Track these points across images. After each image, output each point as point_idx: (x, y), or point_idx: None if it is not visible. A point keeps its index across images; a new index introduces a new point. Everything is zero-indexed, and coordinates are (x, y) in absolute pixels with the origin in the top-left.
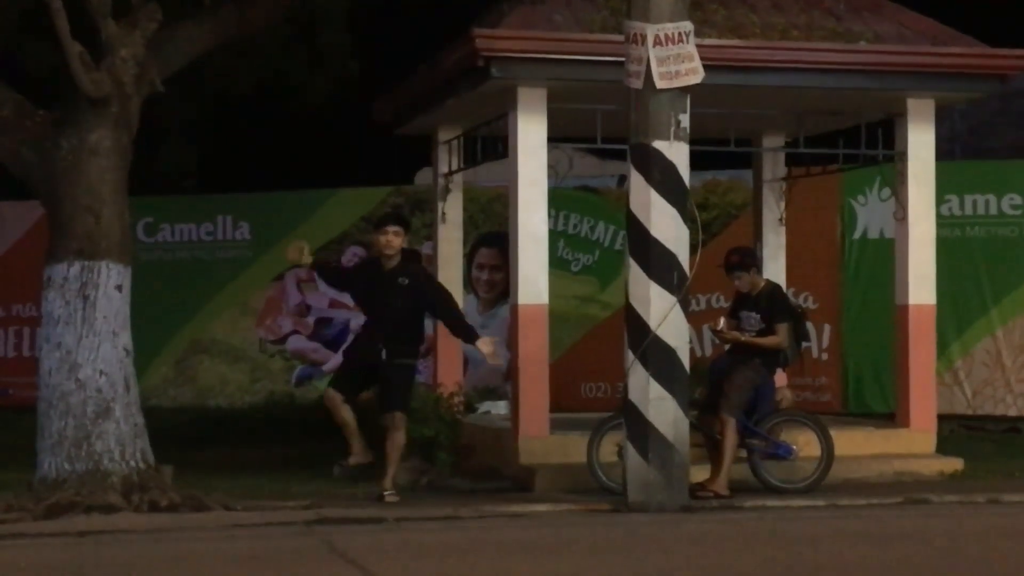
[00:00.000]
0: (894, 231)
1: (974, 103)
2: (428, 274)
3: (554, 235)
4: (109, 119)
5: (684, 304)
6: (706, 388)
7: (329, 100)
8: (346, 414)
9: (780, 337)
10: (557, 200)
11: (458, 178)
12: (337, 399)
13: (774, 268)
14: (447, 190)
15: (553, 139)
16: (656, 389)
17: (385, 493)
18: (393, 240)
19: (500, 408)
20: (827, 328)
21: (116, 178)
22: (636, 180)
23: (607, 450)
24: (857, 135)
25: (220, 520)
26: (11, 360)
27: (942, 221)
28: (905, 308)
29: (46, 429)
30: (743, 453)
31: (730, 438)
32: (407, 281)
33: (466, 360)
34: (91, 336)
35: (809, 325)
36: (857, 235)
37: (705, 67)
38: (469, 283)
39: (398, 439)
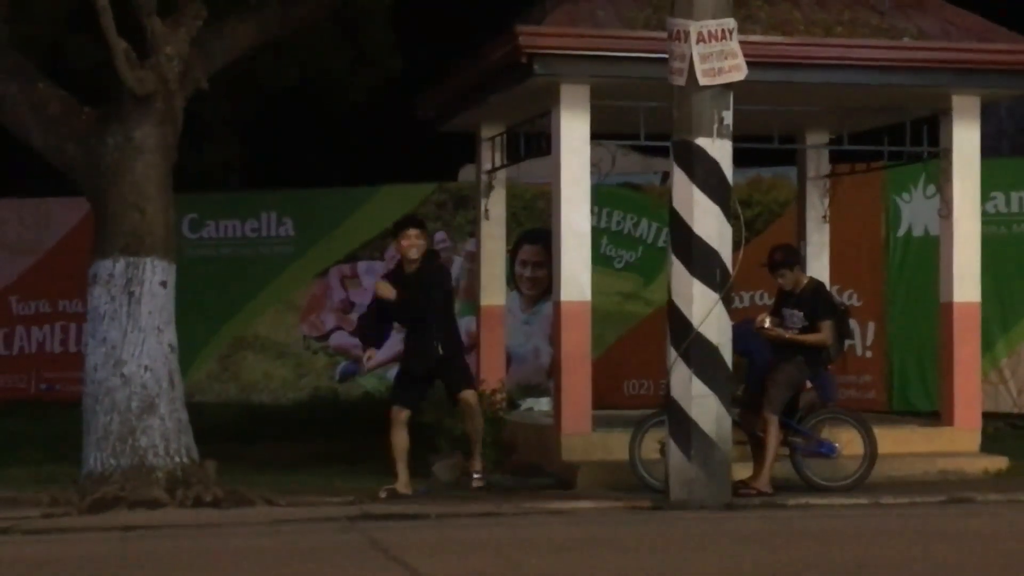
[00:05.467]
0: (939, 228)
1: (1021, 99)
2: (439, 269)
3: (597, 232)
4: (154, 116)
5: (727, 301)
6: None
7: (372, 97)
8: (402, 439)
9: (824, 334)
10: (600, 197)
11: (501, 175)
12: (401, 417)
13: (818, 266)
14: (490, 187)
15: (596, 136)
16: (699, 386)
17: (475, 475)
18: (415, 243)
19: (542, 405)
20: (871, 326)
21: (161, 175)
22: (679, 177)
23: (649, 447)
24: (902, 132)
25: (263, 515)
26: (58, 355)
27: (987, 218)
28: (950, 305)
29: (91, 424)
30: (785, 451)
31: (772, 436)
32: (430, 272)
33: (509, 357)
34: (136, 332)
35: (853, 323)
36: (901, 232)
37: (749, 64)
38: (512, 280)
39: (477, 421)
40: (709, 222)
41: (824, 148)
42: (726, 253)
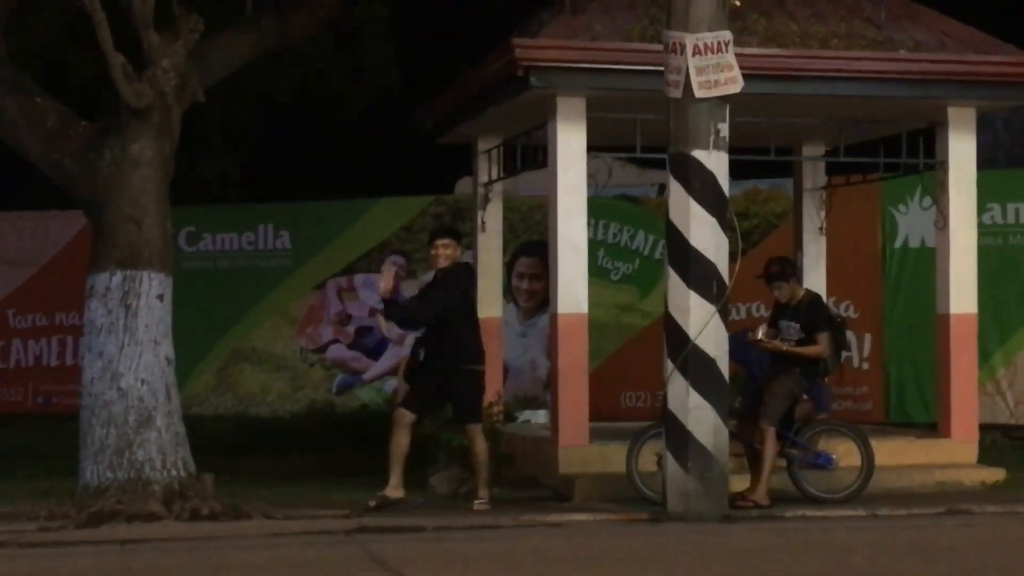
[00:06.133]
0: (935, 240)
1: (1017, 111)
2: (452, 273)
3: (594, 244)
4: (151, 129)
5: (724, 313)
6: (733, 363)
7: (370, 109)
8: (401, 441)
9: (821, 347)
10: (597, 209)
11: (498, 187)
12: (404, 420)
13: (814, 277)
14: (487, 199)
15: (592, 148)
16: (695, 398)
17: (476, 501)
18: (442, 252)
19: (540, 417)
20: (868, 337)
21: (158, 187)
22: (675, 189)
23: (647, 459)
24: (898, 143)
25: (261, 529)
26: (54, 368)
27: (984, 229)
28: (946, 317)
29: (88, 437)
30: (783, 463)
31: (770, 448)
32: (443, 277)
33: (506, 369)
34: (133, 345)
35: (850, 334)
36: (898, 244)
37: (745, 76)
38: (509, 292)
39: (479, 450)
40: (706, 234)
41: (820, 160)
42: (723, 265)
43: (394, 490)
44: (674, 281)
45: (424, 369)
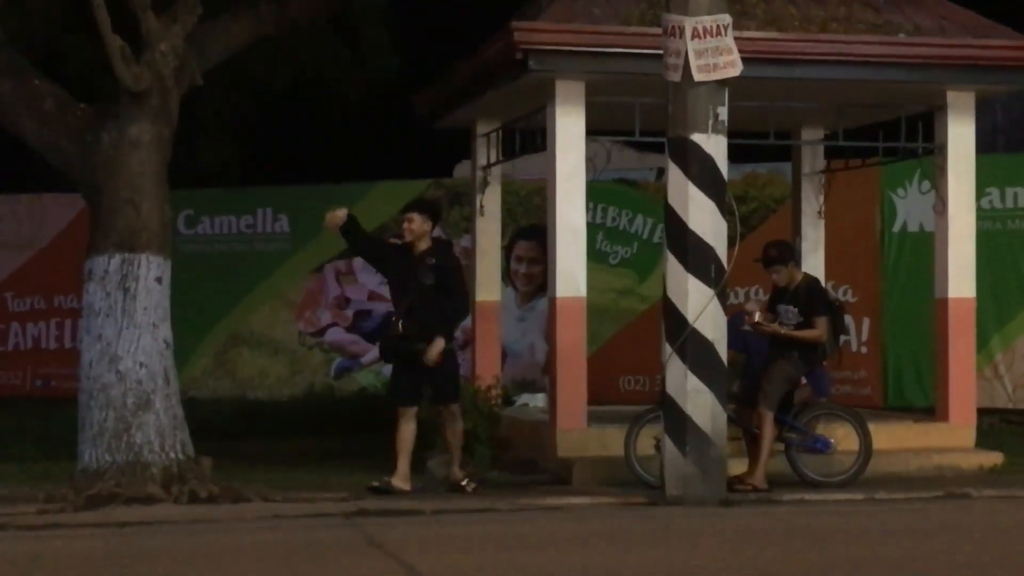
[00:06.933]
0: (934, 224)
1: (1016, 96)
2: (458, 262)
3: (592, 228)
4: (149, 112)
5: (722, 297)
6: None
7: (368, 94)
8: (408, 433)
9: (819, 331)
10: (595, 193)
11: (496, 171)
12: (408, 413)
13: (813, 261)
14: (485, 183)
15: (591, 132)
16: (694, 382)
17: (463, 483)
18: (407, 227)
19: (538, 401)
20: (866, 322)
21: (156, 171)
22: (674, 173)
23: (645, 443)
24: (897, 128)
25: (259, 512)
26: (52, 351)
27: (983, 214)
28: (945, 301)
29: (87, 420)
30: (781, 447)
31: (767, 432)
32: (434, 261)
33: (504, 353)
34: (131, 328)
35: (848, 318)
36: (897, 228)
37: (744, 60)
38: (507, 276)
39: (458, 430)
40: (704, 218)
41: (819, 144)
42: (721, 249)
43: (402, 481)
44: (673, 265)
45: (403, 351)
